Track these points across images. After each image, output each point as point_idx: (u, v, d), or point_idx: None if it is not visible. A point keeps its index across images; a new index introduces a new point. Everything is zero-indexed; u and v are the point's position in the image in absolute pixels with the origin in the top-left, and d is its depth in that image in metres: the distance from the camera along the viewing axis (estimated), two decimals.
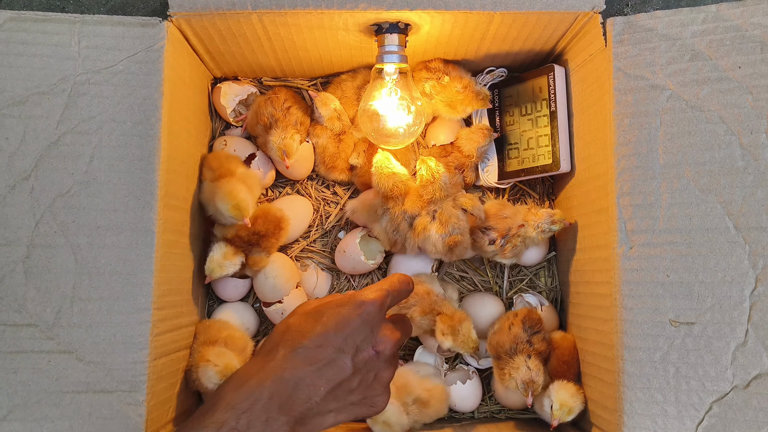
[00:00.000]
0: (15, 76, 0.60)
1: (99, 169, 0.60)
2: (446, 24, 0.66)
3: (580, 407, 0.67)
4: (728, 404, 0.57)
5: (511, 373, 0.69)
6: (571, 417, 0.67)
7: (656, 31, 0.61)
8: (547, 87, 0.75)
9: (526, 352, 0.70)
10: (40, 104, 0.60)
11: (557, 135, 0.74)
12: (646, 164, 0.61)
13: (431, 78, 0.75)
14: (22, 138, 0.60)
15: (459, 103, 0.76)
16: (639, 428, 0.58)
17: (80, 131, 0.60)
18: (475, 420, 0.78)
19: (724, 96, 0.60)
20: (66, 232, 0.59)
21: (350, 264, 0.77)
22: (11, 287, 0.58)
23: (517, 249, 0.74)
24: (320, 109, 0.77)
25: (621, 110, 0.62)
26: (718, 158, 0.59)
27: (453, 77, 0.75)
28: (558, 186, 0.81)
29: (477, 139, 0.77)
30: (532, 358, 0.69)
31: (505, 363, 0.71)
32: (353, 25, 0.66)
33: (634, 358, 0.59)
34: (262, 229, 0.72)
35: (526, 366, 0.68)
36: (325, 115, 0.77)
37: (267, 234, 0.72)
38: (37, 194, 0.59)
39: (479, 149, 0.77)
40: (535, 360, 0.69)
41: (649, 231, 0.60)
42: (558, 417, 0.66)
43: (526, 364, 0.68)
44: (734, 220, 0.59)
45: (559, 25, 0.67)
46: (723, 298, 0.58)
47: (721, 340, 0.58)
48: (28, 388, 0.57)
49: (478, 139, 0.77)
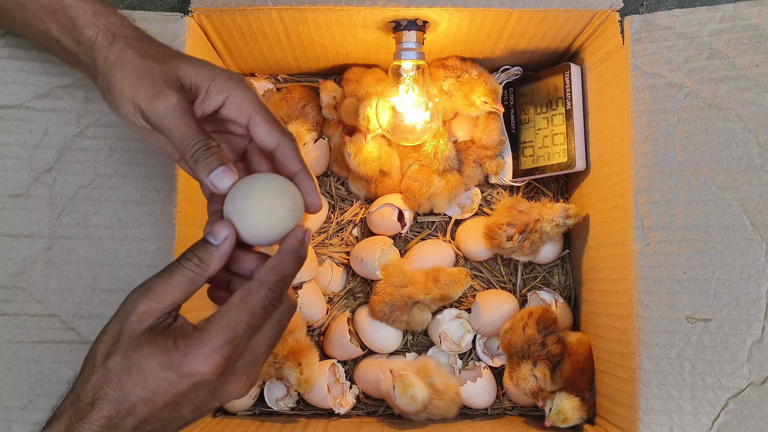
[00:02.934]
0: (38, 69, 0.61)
1: (120, 162, 0.61)
2: (464, 21, 0.66)
3: (578, 421, 0.69)
4: (744, 400, 0.57)
5: (519, 382, 0.70)
6: (566, 426, 0.69)
7: (674, 29, 0.62)
8: (563, 85, 0.75)
9: (534, 357, 0.70)
10: (62, 97, 0.61)
11: (572, 133, 0.74)
12: (664, 162, 0.61)
13: (450, 76, 0.76)
14: (45, 131, 0.60)
15: (477, 96, 0.76)
16: (655, 424, 0.58)
17: (102, 124, 0.61)
18: (488, 416, 0.78)
19: (742, 94, 0.60)
20: (87, 224, 0.60)
21: (365, 272, 0.78)
22: (33, 278, 0.59)
23: (535, 245, 0.74)
24: (320, 95, 0.78)
25: (638, 108, 0.62)
26: (735, 156, 0.60)
27: (471, 74, 0.76)
28: (572, 184, 0.81)
29: (490, 124, 0.77)
30: (538, 366, 0.69)
31: (515, 365, 0.71)
32: (372, 22, 0.67)
33: (650, 354, 0.59)
34: None
35: (533, 376, 0.69)
36: (323, 101, 0.78)
37: None
38: (59, 186, 0.60)
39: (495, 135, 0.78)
40: (541, 366, 0.69)
41: (666, 228, 0.60)
42: (552, 420, 0.69)
43: (533, 374, 0.69)
44: (751, 218, 0.59)
45: (576, 23, 0.67)
46: (739, 294, 0.58)
47: (737, 336, 0.58)
48: (48, 378, 0.58)
49: (491, 123, 0.77)
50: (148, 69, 0.47)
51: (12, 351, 0.58)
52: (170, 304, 0.44)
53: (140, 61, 0.48)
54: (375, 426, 0.72)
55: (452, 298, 0.75)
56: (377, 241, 0.78)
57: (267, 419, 0.75)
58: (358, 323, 0.78)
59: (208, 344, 0.42)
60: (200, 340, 0.43)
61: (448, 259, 0.79)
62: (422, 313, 0.76)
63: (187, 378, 0.43)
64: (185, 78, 0.48)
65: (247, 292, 0.44)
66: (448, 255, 0.79)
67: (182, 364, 0.42)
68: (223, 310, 0.44)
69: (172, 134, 0.46)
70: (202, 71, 0.48)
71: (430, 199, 0.77)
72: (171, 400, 0.43)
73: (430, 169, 0.77)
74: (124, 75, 0.47)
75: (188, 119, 0.46)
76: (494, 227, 0.75)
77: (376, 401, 0.79)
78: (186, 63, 0.49)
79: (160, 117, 0.46)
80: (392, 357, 0.79)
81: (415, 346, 0.81)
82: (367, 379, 0.78)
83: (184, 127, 0.46)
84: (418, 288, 0.74)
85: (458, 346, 0.77)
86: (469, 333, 0.78)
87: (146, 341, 0.43)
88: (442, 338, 0.77)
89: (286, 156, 0.49)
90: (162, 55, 0.49)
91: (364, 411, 0.79)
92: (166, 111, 0.46)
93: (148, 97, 0.46)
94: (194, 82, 0.48)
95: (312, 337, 0.80)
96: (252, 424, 0.72)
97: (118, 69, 0.48)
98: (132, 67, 0.48)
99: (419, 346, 0.81)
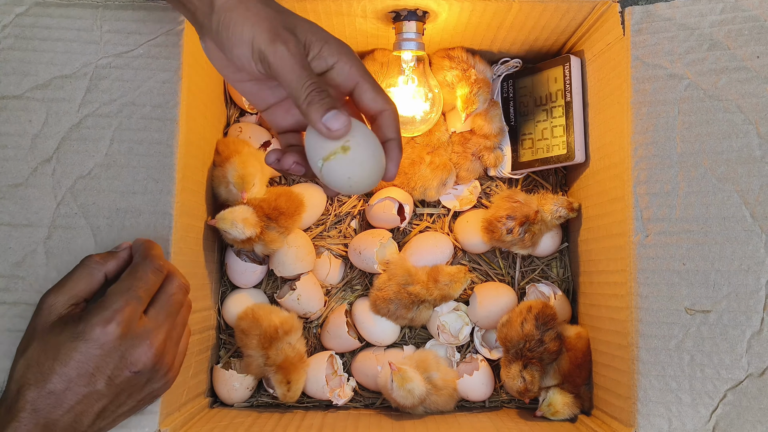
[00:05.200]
0: (39, 59, 0.61)
1: (119, 151, 0.61)
2: (464, 12, 0.66)
3: (568, 416, 0.70)
4: (743, 392, 0.57)
5: (507, 382, 0.71)
6: (555, 419, 0.70)
7: (675, 20, 0.62)
8: (562, 77, 0.75)
9: (527, 359, 0.70)
10: (62, 87, 0.61)
11: (572, 125, 0.74)
12: (664, 153, 0.61)
13: (455, 68, 0.75)
14: (44, 120, 0.60)
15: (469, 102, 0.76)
16: (653, 416, 0.58)
17: (101, 114, 0.61)
18: (486, 409, 0.78)
19: (742, 85, 0.60)
20: (86, 214, 0.60)
21: (364, 264, 0.78)
22: (32, 267, 0.59)
23: (535, 237, 0.74)
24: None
25: (639, 99, 0.62)
26: (735, 147, 0.59)
27: (478, 73, 0.75)
28: (571, 176, 0.81)
29: (491, 111, 0.78)
30: (528, 368, 0.69)
31: (509, 361, 0.72)
32: (371, 12, 0.67)
33: (648, 345, 0.59)
34: (283, 206, 0.72)
35: (521, 377, 0.70)
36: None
37: (287, 212, 0.72)
38: (59, 176, 0.60)
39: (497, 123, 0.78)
40: (531, 370, 0.70)
41: (665, 219, 0.60)
42: (543, 411, 0.70)
43: (521, 375, 0.69)
44: (751, 209, 0.59)
45: (576, 14, 0.67)
46: (739, 286, 0.58)
47: (736, 328, 0.58)
48: None
49: (491, 110, 0.77)
50: (270, 16, 0.49)
51: (11, 340, 0.58)
52: (74, 294, 0.52)
53: (262, 8, 0.50)
54: (372, 418, 0.73)
55: (453, 297, 0.75)
56: (376, 234, 0.78)
57: (264, 411, 0.75)
58: (356, 315, 0.78)
59: (106, 308, 0.50)
60: (100, 307, 0.50)
61: (446, 251, 0.79)
62: (428, 311, 0.76)
63: (93, 342, 0.49)
64: (301, 33, 0.50)
65: (134, 265, 0.53)
66: (447, 247, 0.79)
67: (86, 331, 0.49)
68: (118, 282, 0.52)
69: (287, 76, 0.48)
70: (318, 32, 0.51)
71: (421, 180, 0.77)
72: (83, 371, 0.48)
73: (421, 146, 0.76)
74: (246, 17, 0.49)
75: (305, 64, 0.49)
76: (493, 220, 0.75)
77: (374, 393, 0.80)
78: (302, 20, 0.52)
79: (279, 59, 0.48)
80: (390, 349, 0.79)
81: (413, 338, 0.81)
82: (364, 371, 0.78)
83: (300, 70, 0.48)
84: (422, 287, 0.74)
85: (456, 339, 0.77)
86: (467, 325, 0.78)
87: (57, 324, 0.50)
88: (440, 331, 0.77)
89: (387, 123, 0.53)
90: (281, 8, 0.52)
91: (362, 403, 0.80)
92: (285, 54, 0.48)
93: (269, 40, 0.48)
94: (309, 39, 0.51)
95: (310, 329, 0.80)
96: (249, 415, 0.72)
97: (240, 11, 0.49)
98: (255, 11, 0.49)
99: (417, 339, 0.81)
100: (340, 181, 0.49)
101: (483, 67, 0.77)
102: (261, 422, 0.69)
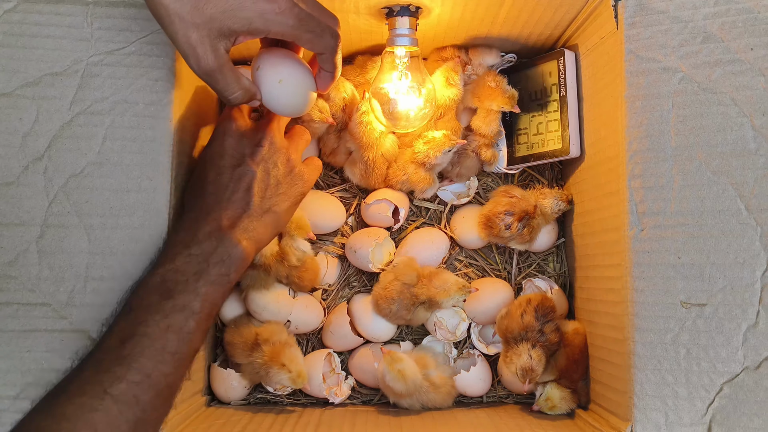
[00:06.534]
0: (29, 57, 0.60)
1: (112, 149, 0.61)
2: (457, 6, 0.66)
3: (565, 411, 0.70)
4: (739, 385, 0.57)
5: (513, 358, 0.70)
6: (552, 413, 0.70)
7: (668, 13, 0.61)
8: (557, 72, 0.75)
9: (533, 341, 0.69)
10: (53, 85, 0.60)
11: (567, 120, 0.74)
12: (658, 146, 0.61)
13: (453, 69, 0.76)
14: (35, 118, 0.60)
15: (496, 106, 0.76)
16: (649, 409, 0.58)
17: (93, 112, 0.61)
18: (483, 404, 0.78)
19: (737, 78, 0.60)
20: (79, 213, 0.60)
21: (358, 263, 0.78)
22: (25, 267, 0.59)
23: (534, 232, 0.74)
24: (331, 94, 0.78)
25: (633, 93, 0.62)
26: (730, 140, 0.59)
27: (486, 82, 0.76)
28: (567, 171, 0.81)
29: (491, 114, 0.77)
30: (536, 348, 0.69)
31: (510, 347, 0.71)
32: (364, 8, 0.66)
33: (644, 339, 0.59)
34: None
35: (528, 354, 0.69)
36: (334, 100, 0.78)
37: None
38: (51, 174, 0.60)
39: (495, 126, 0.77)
40: (539, 351, 0.69)
41: (660, 213, 0.60)
42: (540, 406, 0.70)
43: (528, 353, 0.69)
44: (746, 202, 0.59)
45: (570, 8, 0.67)
46: (734, 279, 0.58)
47: (732, 321, 0.58)
48: (41, 367, 0.58)
49: (492, 114, 0.77)
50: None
51: (4, 340, 0.57)
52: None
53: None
54: (370, 415, 0.72)
55: (438, 304, 0.73)
56: (372, 233, 0.78)
57: (261, 409, 0.75)
58: (353, 312, 0.78)
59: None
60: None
61: (441, 247, 0.78)
62: (426, 313, 0.76)
63: (225, 134, 0.63)
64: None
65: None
66: (442, 243, 0.79)
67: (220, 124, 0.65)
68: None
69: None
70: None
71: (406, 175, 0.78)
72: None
73: (412, 151, 0.76)
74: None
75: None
76: (491, 217, 0.75)
77: (372, 390, 0.79)
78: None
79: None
80: (386, 346, 0.79)
81: (410, 335, 0.81)
82: (362, 368, 0.77)
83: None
84: (421, 285, 0.73)
85: (453, 335, 0.77)
86: (464, 321, 0.78)
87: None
88: (437, 327, 0.77)
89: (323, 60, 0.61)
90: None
91: (360, 400, 0.79)
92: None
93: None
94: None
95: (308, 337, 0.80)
96: (246, 413, 0.71)
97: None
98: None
99: (414, 335, 0.81)
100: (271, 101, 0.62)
101: (479, 60, 0.77)
102: (258, 420, 0.69)
